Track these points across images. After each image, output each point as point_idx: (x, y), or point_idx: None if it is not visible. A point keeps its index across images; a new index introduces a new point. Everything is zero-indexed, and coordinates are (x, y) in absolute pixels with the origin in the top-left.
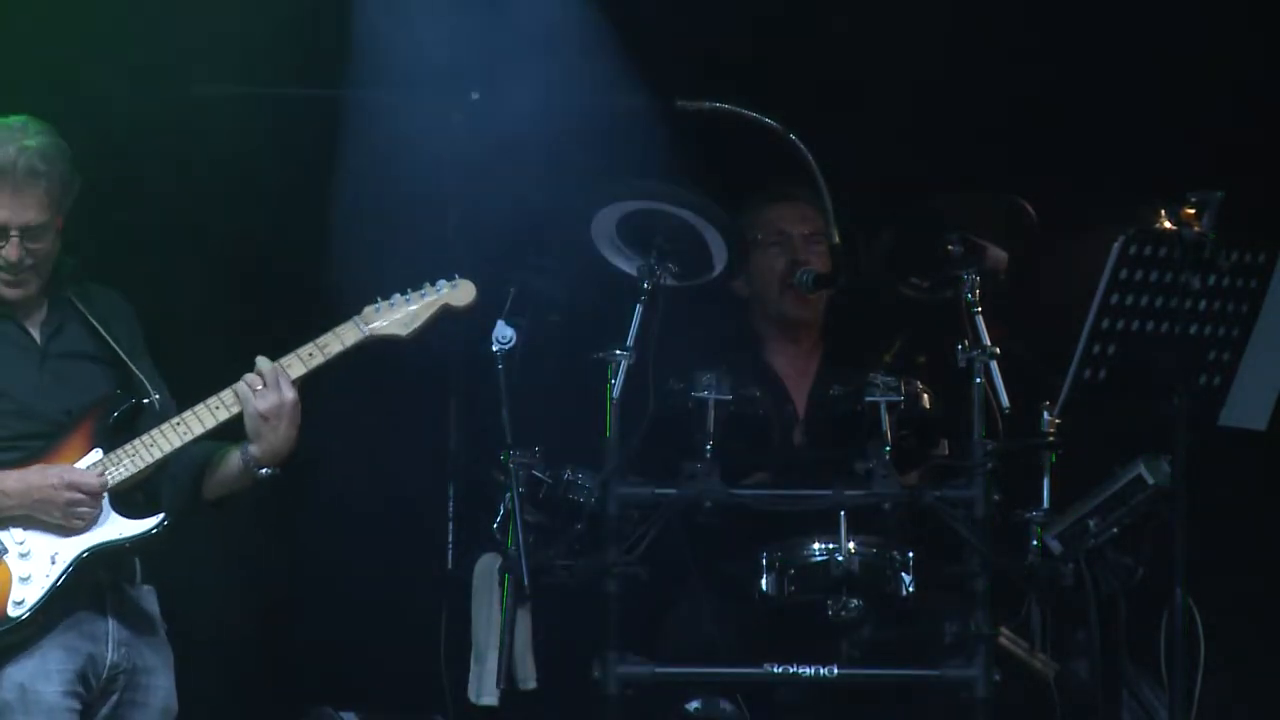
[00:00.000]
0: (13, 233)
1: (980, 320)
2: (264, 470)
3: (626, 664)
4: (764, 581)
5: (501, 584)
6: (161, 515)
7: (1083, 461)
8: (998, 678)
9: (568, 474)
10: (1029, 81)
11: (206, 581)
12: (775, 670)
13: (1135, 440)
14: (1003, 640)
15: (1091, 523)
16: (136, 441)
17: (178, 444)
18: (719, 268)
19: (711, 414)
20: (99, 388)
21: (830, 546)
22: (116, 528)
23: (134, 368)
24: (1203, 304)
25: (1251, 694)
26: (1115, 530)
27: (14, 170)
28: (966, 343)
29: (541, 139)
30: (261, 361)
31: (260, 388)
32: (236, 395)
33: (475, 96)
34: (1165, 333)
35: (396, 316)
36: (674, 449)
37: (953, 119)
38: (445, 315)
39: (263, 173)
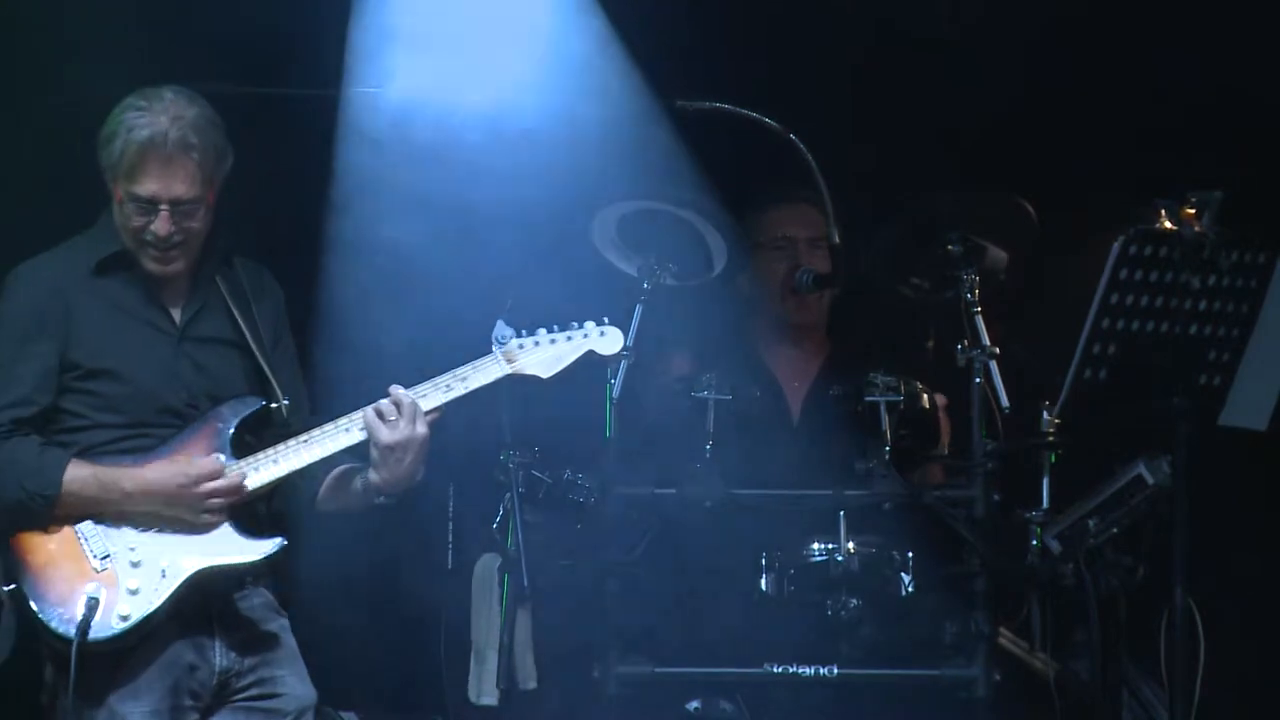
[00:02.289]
0: (162, 206)
1: (980, 320)
2: (381, 498)
3: (626, 664)
4: (764, 581)
5: (501, 584)
6: (281, 539)
7: (1083, 461)
8: (998, 678)
9: (568, 474)
10: (1029, 81)
11: None
12: (775, 670)
13: (1135, 440)
14: (1003, 640)
15: (1091, 523)
16: (262, 455)
17: (304, 465)
18: (719, 268)
19: (711, 414)
20: (232, 381)
21: (830, 546)
22: (234, 547)
23: (265, 363)
24: (1203, 304)
25: (1251, 694)
26: (1115, 530)
27: (165, 142)
28: (966, 343)
29: (542, 139)
30: (398, 391)
31: (392, 418)
32: (365, 422)
33: (476, 97)
34: (1165, 333)
35: (542, 357)
36: (674, 449)
37: (953, 119)
38: (591, 359)
39: (263, 173)
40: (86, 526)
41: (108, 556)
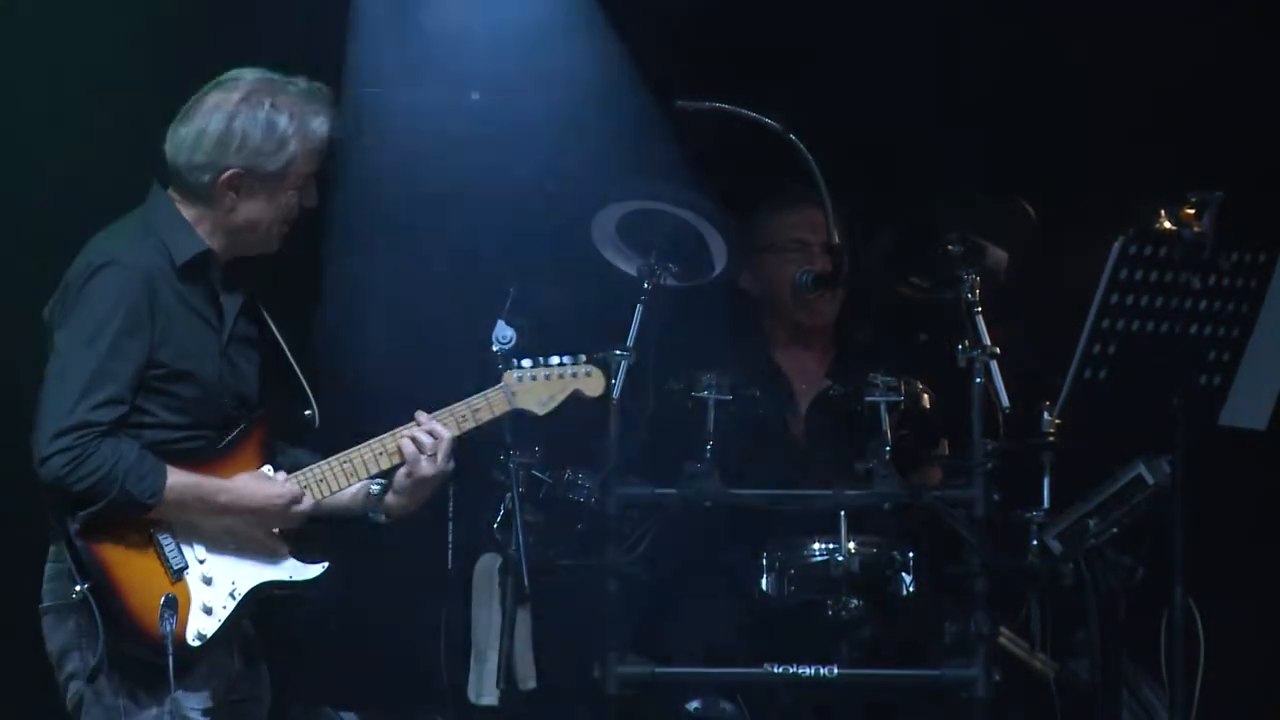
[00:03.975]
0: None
1: (980, 320)
2: (384, 518)
3: (626, 664)
4: (764, 581)
5: (502, 584)
6: (329, 562)
7: (1083, 461)
8: (998, 678)
9: (568, 474)
10: (1029, 81)
11: None
12: (775, 670)
13: (1135, 440)
14: (1003, 640)
15: (1091, 523)
16: (307, 473)
17: (344, 485)
18: (719, 268)
19: (711, 414)
20: (253, 383)
21: (830, 546)
22: (288, 567)
23: (297, 367)
24: (1203, 304)
25: (1251, 694)
26: (1115, 530)
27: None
28: (967, 343)
29: (542, 139)
30: (437, 427)
31: (430, 452)
32: (402, 452)
33: (475, 96)
34: (1165, 333)
35: (538, 396)
36: (674, 449)
37: (953, 118)
38: (575, 400)
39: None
40: (163, 536)
41: (184, 569)
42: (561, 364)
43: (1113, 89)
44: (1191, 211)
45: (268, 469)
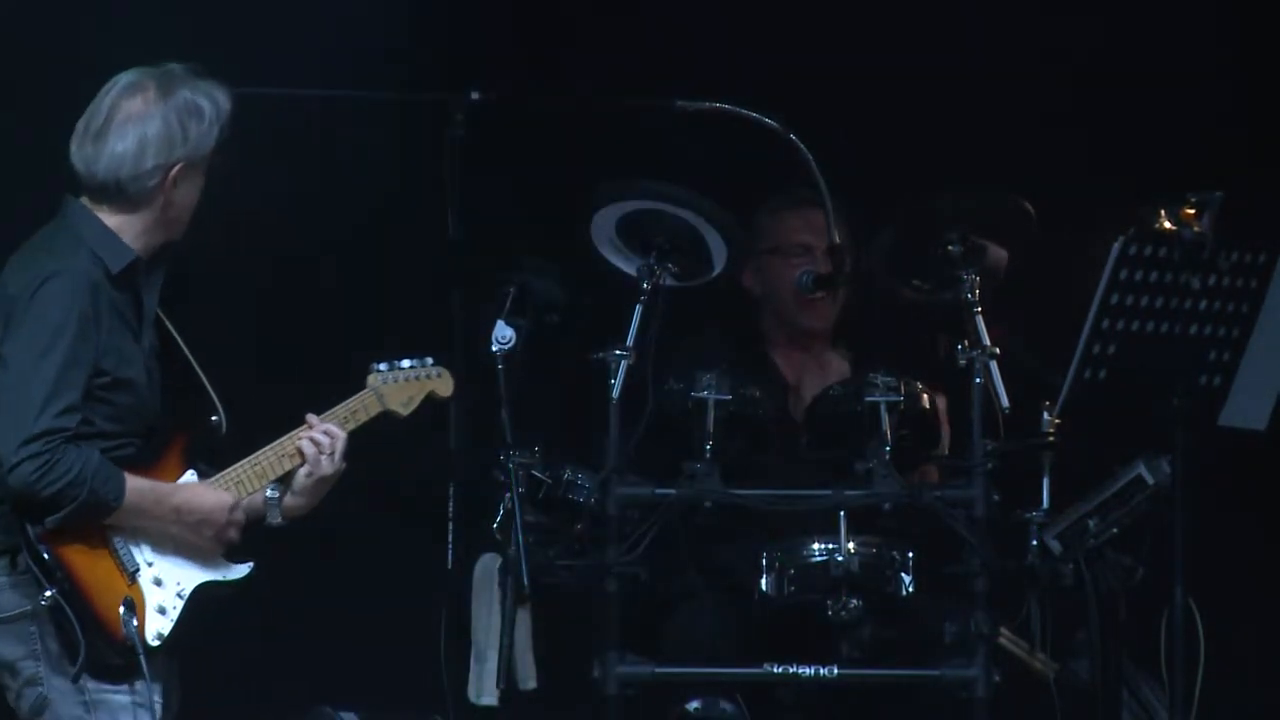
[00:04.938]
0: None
1: (980, 320)
2: (280, 521)
3: (626, 664)
4: (764, 581)
5: (502, 584)
6: (253, 563)
7: (1083, 461)
8: (998, 678)
9: (568, 474)
10: (1029, 80)
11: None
12: (775, 670)
13: (1135, 440)
14: (1003, 640)
15: (1091, 523)
16: (226, 477)
17: (258, 488)
18: (719, 268)
19: (711, 414)
20: (176, 392)
21: (830, 546)
22: (221, 567)
23: (202, 374)
24: (1203, 304)
25: (1251, 694)
26: (1115, 530)
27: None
28: (966, 343)
29: (541, 139)
30: (331, 426)
31: (329, 452)
32: (302, 453)
33: (475, 96)
34: (1165, 333)
35: (400, 397)
36: (674, 449)
37: (953, 118)
38: (429, 401)
39: (263, 172)
40: (117, 539)
41: (136, 570)
42: (413, 366)
43: (1113, 89)
44: (1191, 211)
45: (191, 474)
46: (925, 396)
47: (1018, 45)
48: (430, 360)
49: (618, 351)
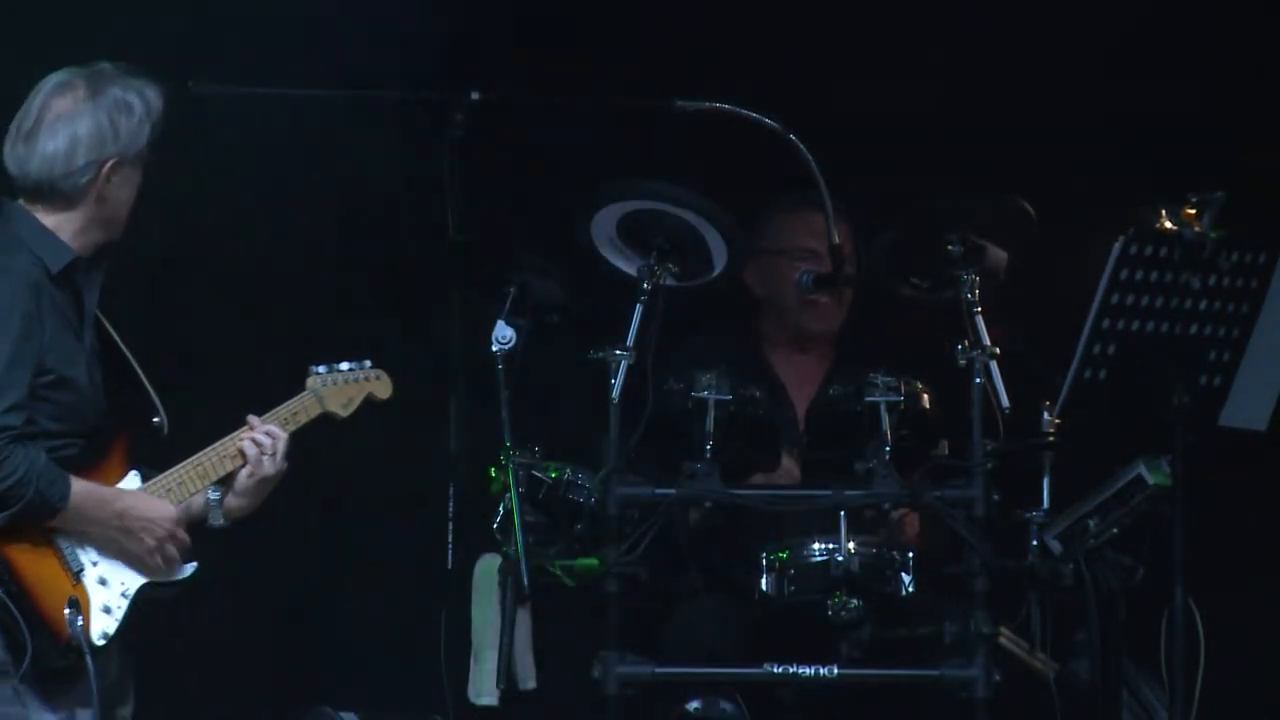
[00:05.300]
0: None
1: (980, 320)
2: (222, 522)
3: (626, 664)
4: (764, 581)
5: (502, 584)
6: (196, 564)
7: (1083, 461)
8: (998, 678)
9: (568, 474)
10: (1030, 81)
11: (206, 580)
12: (775, 670)
13: (1135, 440)
14: (1003, 640)
15: (1091, 523)
16: (169, 478)
17: (199, 488)
18: (719, 268)
19: (711, 414)
20: (117, 392)
21: (830, 546)
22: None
23: (144, 375)
24: (1203, 304)
25: (1251, 694)
26: (1115, 530)
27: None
28: (966, 343)
29: (541, 139)
30: (272, 427)
31: (270, 453)
32: (244, 453)
33: (475, 96)
34: (1165, 333)
35: (339, 399)
36: (674, 449)
37: (953, 118)
38: (368, 403)
39: (263, 172)
40: (61, 539)
41: (81, 570)
42: (352, 369)
43: (1113, 88)
44: (1191, 211)
45: (134, 475)
46: (925, 396)
47: (1018, 45)
48: (369, 363)
49: (618, 351)
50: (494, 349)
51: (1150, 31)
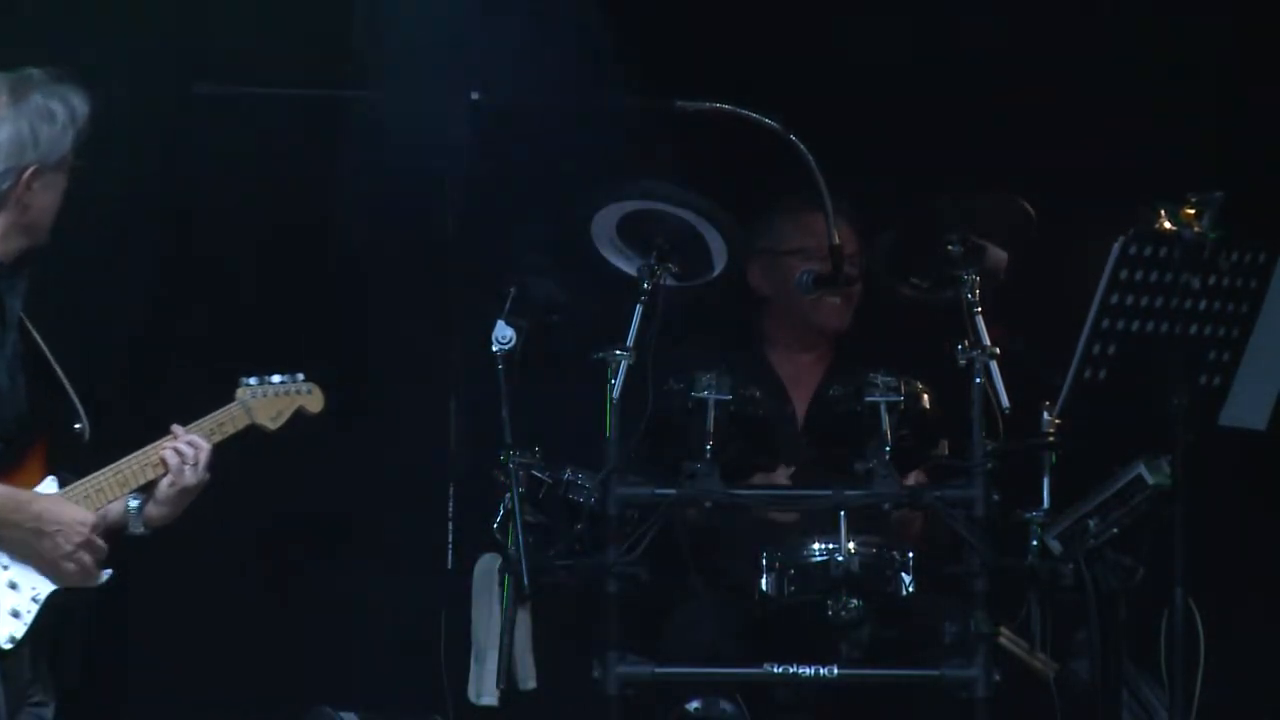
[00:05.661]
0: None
1: (980, 320)
2: (142, 530)
3: (626, 664)
4: (764, 581)
5: (501, 584)
6: (111, 570)
7: (1083, 461)
8: (998, 678)
9: (568, 474)
10: (1030, 80)
11: (207, 580)
12: (775, 670)
13: (1135, 440)
14: (1003, 640)
15: (1091, 523)
16: (87, 484)
17: (118, 495)
18: (719, 268)
19: (711, 414)
20: (39, 396)
21: (830, 546)
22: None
23: (65, 379)
24: (1203, 304)
25: (1251, 694)
26: (1115, 530)
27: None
28: (966, 343)
29: (541, 139)
30: (195, 437)
31: (193, 463)
32: (166, 462)
33: (475, 96)
34: (1165, 333)
35: (269, 412)
36: (674, 449)
37: (953, 118)
38: (298, 417)
39: (263, 173)
40: None
41: None
42: (284, 381)
43: (1113, 88)
44: (1191, 211)
45: (51, 480)
46: (925, 396)
47: (1018, 45)
48: (301, 376)
49: (618, 351)
50: (494, 349)
51: (1150, 31)
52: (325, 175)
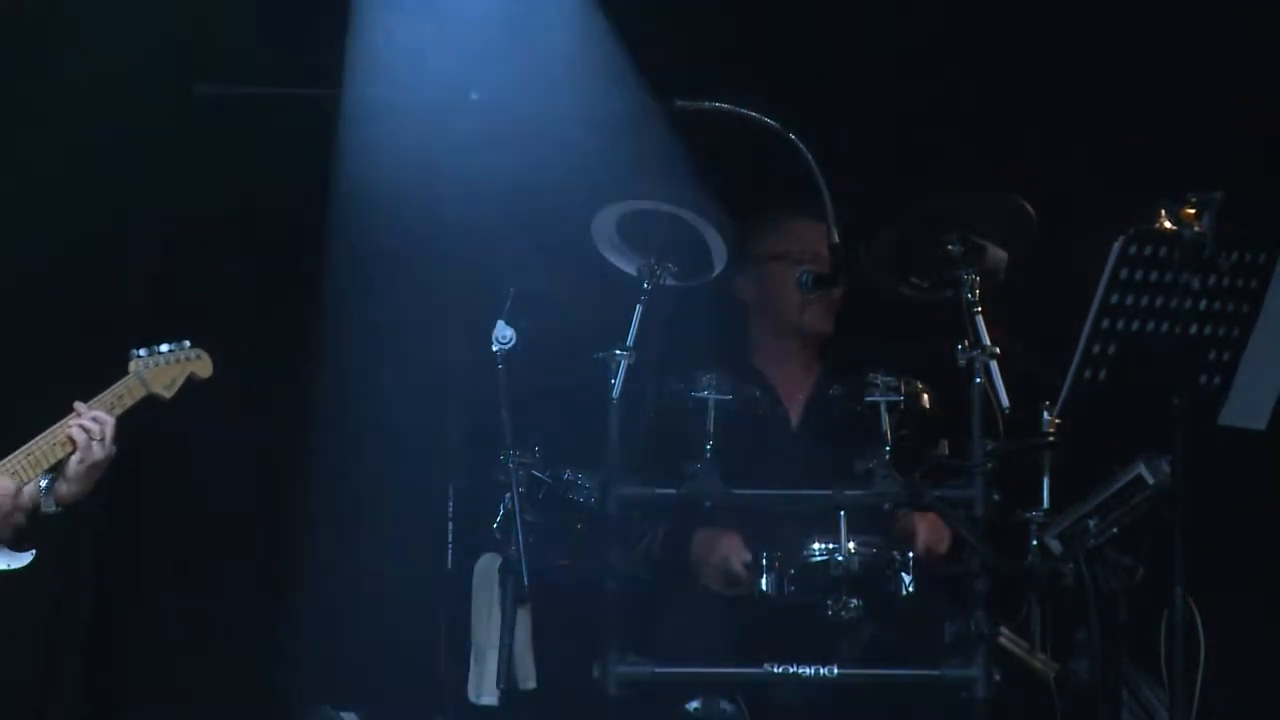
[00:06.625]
0: None
1: (980, 320)
2: (55, 508)
3: (626, 664)
4: (764, 581)
5: (501, 584)
6: (34, 551)
7: (1083, 461)
8: (998, 678)
9: (568, 474)
10: (1030, 80)
11: (207, 580)
12: (775, 670)
13: (1135, 440)
14: (1003, 640)
15: (1091, 523)
16: (3, 466)
17: (33, 476)
18: (719, 268)
19: (711, 414)
20: None
21: (830, 546)
22: (5, 556)
23: None
24: (1203, 304)
25: (1251, 694)
26: (1115, 530)
27: None
28: (966, 343)
29: (541, 139)
30: (99, 413)
31: (99, 438)
32: (74, 440)
33: (475, 96)
34: (1165, 333)
35: (162, 380)
36: (674, 449)
37: (953, 118)
38: (190, 383)
39: (263, 173)
40: None
41: None
42: (172, 349)
43: (1113, 88)
44: (1191, 211)
45: None
46: (925, 396)
47: (1018, 44)
48: (188, 343)
49: (618, 351)
50: (494, 349)
51: (1150, 31)
52: (325, 175)
